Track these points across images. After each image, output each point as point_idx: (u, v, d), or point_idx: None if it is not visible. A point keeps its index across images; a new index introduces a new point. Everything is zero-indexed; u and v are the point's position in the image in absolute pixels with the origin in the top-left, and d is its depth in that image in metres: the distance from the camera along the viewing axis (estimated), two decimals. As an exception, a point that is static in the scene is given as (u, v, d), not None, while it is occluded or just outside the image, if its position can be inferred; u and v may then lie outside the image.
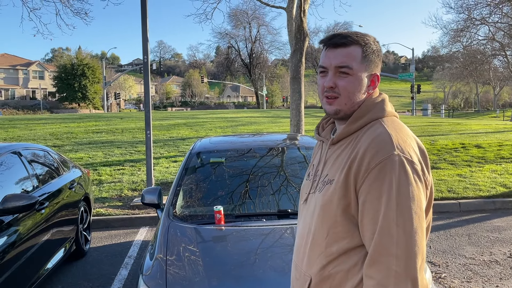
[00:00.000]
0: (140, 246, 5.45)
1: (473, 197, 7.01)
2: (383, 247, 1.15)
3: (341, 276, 1.26)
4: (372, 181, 1.19)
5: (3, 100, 60.66)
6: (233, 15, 56.88)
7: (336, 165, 1.33)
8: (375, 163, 1.20)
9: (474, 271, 4.43)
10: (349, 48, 1.32)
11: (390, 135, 1.24)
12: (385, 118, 1.33)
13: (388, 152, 1.20)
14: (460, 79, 48.57)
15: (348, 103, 1.34)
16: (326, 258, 1.29)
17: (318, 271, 1.31)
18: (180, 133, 15.56)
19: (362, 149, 1.24)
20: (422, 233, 1.17)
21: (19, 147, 4.31)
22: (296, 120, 9.04)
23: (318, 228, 1.33)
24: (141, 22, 7.26)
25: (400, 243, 1.14)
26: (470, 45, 30.63)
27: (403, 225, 1.15)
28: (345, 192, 1.25)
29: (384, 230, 1.16)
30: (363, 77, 1.33)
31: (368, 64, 1.33)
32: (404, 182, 1.17)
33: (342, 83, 1.32)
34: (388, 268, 1.14)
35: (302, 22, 8.96)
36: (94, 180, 8.38)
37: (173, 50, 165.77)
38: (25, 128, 17.67)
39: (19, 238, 3.40)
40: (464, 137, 13.78)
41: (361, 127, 1.33)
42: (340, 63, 1.32)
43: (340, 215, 1.26)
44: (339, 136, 1.36)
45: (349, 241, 1.26)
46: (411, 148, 1.24)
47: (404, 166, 1.18)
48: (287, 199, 3.38)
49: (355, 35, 1.34)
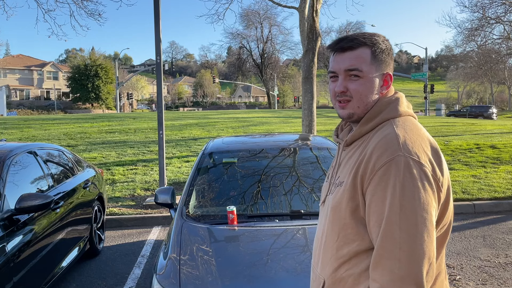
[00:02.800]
0: (153, 245, 5.49)
1: (488, 199, 6.91)
2: (386, 250, 1.14)
3: (353, 279, 1.25)
4: (377, 183, 1.18)
5: (18, 100, 61.64)
6: (245, 16, 56.94)
7: (346, 167, 1.32)
8: (380, 164, 1.18)
9: (489, 273, 4.37)
10: (357, 50, 1.31)
11: (397, 135, 1.22)
12: (398, 118, 1.30)
13: (393, 153, 1.18)
14: (475, 78, 47.99)
15: (361, 105, 1.32)
16: (338, 261, 1.29)
17: (331, 274, 1.30)
18: (192, 133, 15.63)
19: (369, 151, 1.23)
20: (429, 237, 1.13)
21: (34, 147, 4.38)
22: (308, 120, 9.01)
23: (329, 230, 1.32)
24: (154, 22, 7.31)
25: (403, 247, 1.12)
26: (484, 44, 30.19)
27: (406, 228, 1.12)
28: (353, 194, 1.24)
29: (387, 233, 1.14)
30: (375, 78, 1.32)
31: (378, 64, 1.32)
32: (409, 184, 1.14)
33: (353, 86, 1.31)
34: (392, 271, 1.12)
35: (314, 22, 8.93)
36: (108, 180, 8.46)
37: (185, 51, 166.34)
38: (40, 128, 17.92)
39: (34, 237, 3.45)
40: (478, 137, 13.60)
41: (373, 128, 1.31)
42: (350, 66, 1.30)
43: (349, 217, 1.25)
44: (352, 138, 1.35)
45: (359, 243, 1.24)
46: (420, 148, 1.20)
47: (410, 168, 1.15)
48: (299, 199, 3.38)
49: (362, 36, 1.32)
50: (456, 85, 71.34)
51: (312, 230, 2.85)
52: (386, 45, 1.34)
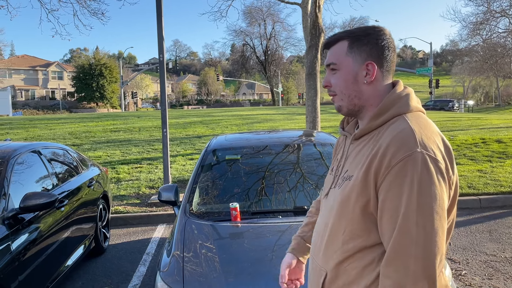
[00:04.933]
0: (158, 243, 5.50)
1: (494, 193, 6.86)
2: (401, 247, 1.13)
3: (356, 272, 1.25)
4: (393, 178, 1.16)
5: (23, 100, 61.97)
6: (248, 13, 56.90)
7: (356, 161, 1.31)
8: (396, 160, 1.16)
9: (495, 268, 4.34)
10: (336, 45, 1.36)
11: (413, 131, 1.20)
12: (409, 113, 1.28)
13: (411, 149, 1.16)
14: (480, 73, 47.64)
15: (344, 98, 1.35)
16: (343, 255, 1.28)
17: (334, 267, 1.30)
18: (196, 131, 15.65)
19: (384, 146, 1.20)
20: (443, 233, 1.14)
21: (38, 146, 4.40)
22: (312, 116, 8.99)
23: (335, 224, 1.32)
24: (157, 21, 7.30)
25: (419, 243, 1.11)
26: (490, 38, 29.98)
27: (423, 225, 1.12)
28: (364, 189, 1.22)
29: (403, 230, 1.13)
30: (352, 69, 1.33)
31: (356, 55, 1.32)
32: (426, 181, 1.13)
33: (333, 80, 1.37)
34: (406, 267, 1.12)
35: (317, 18, 8.89)
36: (112, 178, 8.49)
37: (189, 49, 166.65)
38: (45, 127, 18.01)
39: (39, 236, 3.47)
40: (484, 132, 13.51)
41: (384, 123, 1.29)
42: (327, 61, 1.37)
43: (358, 212, 1.24)
44: (361, 132, 1.34)
45: (365, 239, 1.24)
46: (435, 145, 1.19)
47: (427, 164, 1.14)
48: (303, 195, 3.37)
49: (344, 31, 1.38)
50: (462, 79, 70.83)
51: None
52: (369, 35, 1.33)
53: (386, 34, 1.34)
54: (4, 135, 15.40)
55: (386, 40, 1.33)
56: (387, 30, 1.36)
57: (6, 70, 59.75)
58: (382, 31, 1.34)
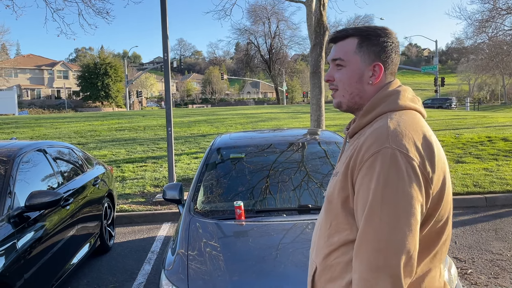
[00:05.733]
0: (162, 241, 5.52)
1: (500, 192, 6.82)
2: (365, 240, 1.14)
3: (341, 267, 1.26)
4: (364, 173, 1.18)
5: (29, 100, 62.29)
6: (252, 11, 56.86)
7: (343, 158, 1.35)
8: (368, 155, 1.19)
9: (501, 267, 4.31)
10: (344, 41, 1.36)
11: (388, 128, 1.21)
12: (396, 112, 1.28)
13: (381, 145, 1.17)
14: (486, 71, 47.35)
15: (346, 94, 1.36)
16: (328, 248, 1.31)
17: (322, 260, 1.33)
18: (200, 130, 15.67)
19: (361, 142, 1.24)
20: (410, 230, 1.12)
21: (44, 144, 4.42)
22: (317, 115, 8.97)
23: (324, 218, 1.36)
24: (161, 20, 7.31)
25: (381, 238, 1.11)
26: (496, 35, 29.75)
27: (387, 220, 1.12)
28: (345, 184, 1.26)
29: (367, 223, 1.14)
30: (359, 68, 1.33)
31: (364, 55, 1.33)
32: (393, 177, 1.13)
33: (337, 75, 1.37)
34: (369, 261, 1.12)
35: (322, 16, 8.87)
36: (118, 177, 8.51)
37: (193, 48, 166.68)
38: (51, 126, 18.09)
39: (45, 234, 3.48)
40: (490, 130, 13.43)
41: (371, 121, 1.31)
42: (334, 55, 1.37)
43: (340, 207, 1.27)
44: (353, 130, 1.37)
45: (348, 233, 1.26)
46: (410, 141, 1.18)
47: (396, 160, 1.14)
48: (307, 194, 3.36)
49: (353, 28, 1.37)
50: (467, 77, 70.41)
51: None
52: (379, 36, 1.34)
53: (394, 37, 1.36)
54: (10, 134, 15.50)
55: (394, 43, 1.35)
56: (394, 32, 1.38)
57: (12, 69, 60.08)
58: (391, 33, 1.36)
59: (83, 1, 11.47)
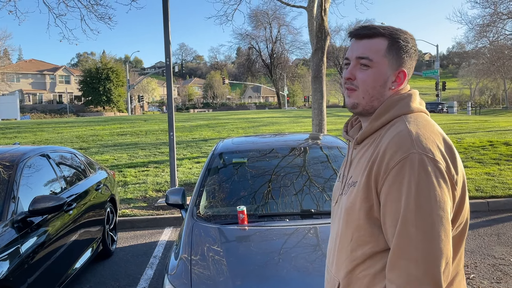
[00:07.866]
0: (165, 246, 5.52)
1: (502, 196, 6.81)
2: (402, 251, 1.11)
3: (368, 280, 1.22)
4: (391, 182, 1.14)
5: (31, 104, 62.49)
6: (254, 16, 56.98)
7: (359, 166, 1.28)
8: (394, 163, 1.14)
9: (504, 271, 4.31)
10: (373, 40, 1.27)
11: (410, 132, 1.17)
12: (410, 114, 1.26)
13: (407, 150, 1.13)
14: (487, 75, 47.25)
15: (366, 96, 1.28)
16: (352, 263, 1.26)
17: (345, 276, 1.28)
18: (202, 134, 15.69)
19: (382, 149, 1.19)
20: (446, 235, 1.10)
21: (47, 149, 4.44)
22: (318, 119, 8.98)
23: (343, 232, 1.30)
24: (163, 25, 7.35)
25: (419, 247, 1.08)
26: (497, 40, 29.75)
27: (422, 228, 1.09)
28: (367, 195, 1.20)
29: (402, 233, 1.11)
30: (386, 72, 1.27)
31: (393, 59, 1.27)
32: (424, 182, 1.10)
33: (361, 75, 1.28)
34: (408, 273, 1.09)
35: (323, 21, 8.90)
36: (120, 182, 8.53)
37: (195, 52, 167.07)
38: (53, 131, 18.13)
39: (48, 239, 3.50)
40: (492, 134, 13.42)
41: (384, 125, 1.27)
42: (361, 54, 1.27)
43: (363, 218, 1.22)
44: (362, 135, 1.32)
45: (373, 245, 1.21)
46: (434, 145, 1.16)
47: (424, 165, 1.11)
48: (310, 199, 3.37)
49: (383, 28, 1.28)
50: (468, 82, 70.44)
51: (323, 229, 2.84)
52: (408, 42, 1.29)
53: (416, 44, 1.33)
54: (12, 139, 15.53)
55: (416, 50, 1.32)
56: None
57: (14, 74, 60.26)
58: (414, 39, 1.32)
59: (85, 6, 11.53)
